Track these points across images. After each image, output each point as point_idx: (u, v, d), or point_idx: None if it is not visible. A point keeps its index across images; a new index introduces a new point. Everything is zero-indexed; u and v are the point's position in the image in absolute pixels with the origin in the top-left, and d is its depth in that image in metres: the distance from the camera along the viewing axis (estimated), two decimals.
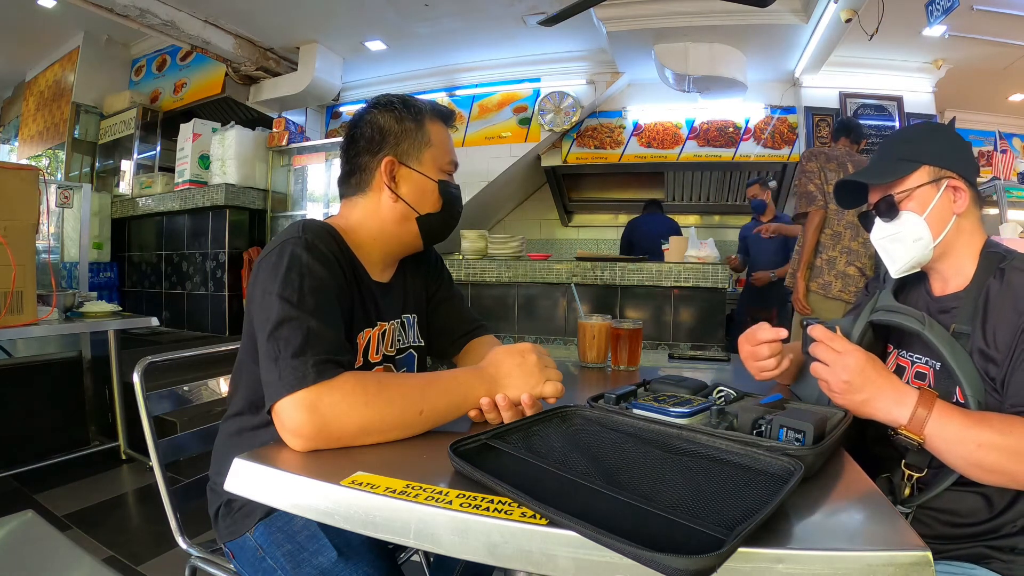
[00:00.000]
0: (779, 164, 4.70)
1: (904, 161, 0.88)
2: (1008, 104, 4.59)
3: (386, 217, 0.93)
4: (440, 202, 0.95)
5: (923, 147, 0.89)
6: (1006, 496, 0.78)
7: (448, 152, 0.97)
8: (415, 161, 0.93)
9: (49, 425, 2.48)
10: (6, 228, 1.96)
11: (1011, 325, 0.77)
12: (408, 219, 0.94)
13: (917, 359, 0.90)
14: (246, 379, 0.87)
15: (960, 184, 0.86)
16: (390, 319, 0.96)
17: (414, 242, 0.97)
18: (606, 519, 0.46)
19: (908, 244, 0.87)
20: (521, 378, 0.77)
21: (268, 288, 0.76)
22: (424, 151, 0.93)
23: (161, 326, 3.99)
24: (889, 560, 0.43)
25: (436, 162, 0.94)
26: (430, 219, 0.95)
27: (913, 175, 0.87)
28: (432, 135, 0.94)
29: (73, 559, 0.91)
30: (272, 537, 0.82)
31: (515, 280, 3.13)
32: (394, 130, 0.92)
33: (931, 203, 0.86)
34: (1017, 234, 2.77)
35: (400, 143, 0.92)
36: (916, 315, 0.85)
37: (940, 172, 0.87)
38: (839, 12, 3.32)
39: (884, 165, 0.91)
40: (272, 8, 4.08)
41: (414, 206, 0.93)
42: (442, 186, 0.95)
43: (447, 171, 0.97)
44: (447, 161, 0.97)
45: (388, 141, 0.92)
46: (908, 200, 0.87)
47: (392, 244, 0.96)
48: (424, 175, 0.93)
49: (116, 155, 5.10)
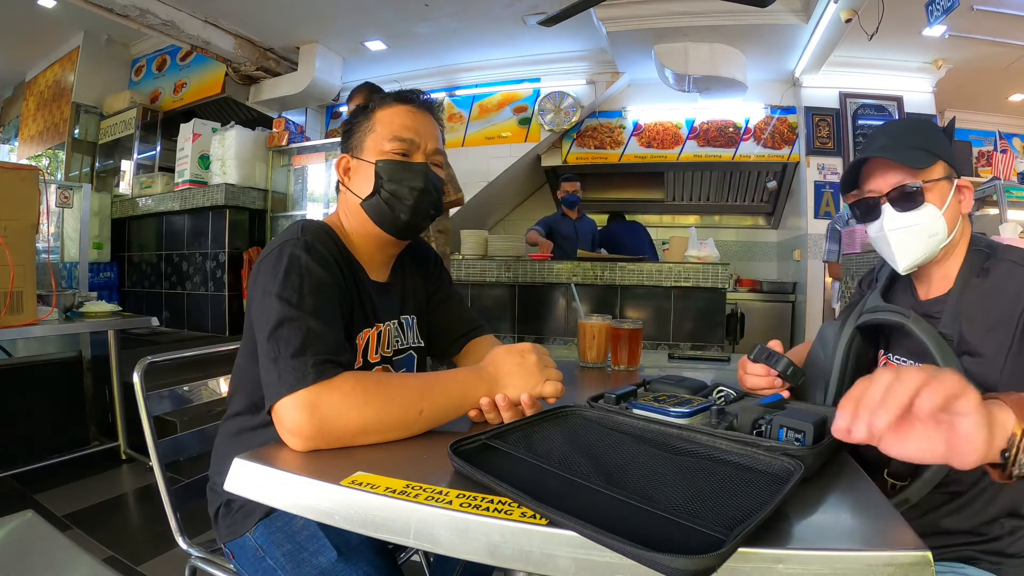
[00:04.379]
0: (779, 164, 4.70)
1: (927, 152, 0.82)
2: (1008, 104, 4.59)
3: (348, 212, 0.95)
4: (374, 181, 0.90)
5: (942, 143, 0.86)
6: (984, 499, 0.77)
7: (394, 129, 0.91)
8: (359, 151, 0.93)
9: (49, 425, 2.48)
10: (6, 228, 1.96)
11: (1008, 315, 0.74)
12: (358, 209, 0.92)
13: (904, 362, 0.88)
14: (246, 380, 0.87)
15: (967, 185, 0.85)
16: (387, 320, 0.96)
17: (379, 232, 0.93)
18: (606, 519, 0.46)
19: (924, 239, 0.82)
20: (521, 378, 0.77)
21: (268, 289, 0.76)
22: (367, 137, 0.93)
23: (161, 326, 3.99)
24: (889, 560, 0.43)
25: (376, 145, 0.91)
26: (370, 202, 0.91)
27: (935, 167, 0.83)
28: (378, 120, 0.93)
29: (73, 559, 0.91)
30: (272, 537, 0.82)
31: (515, 280, 3.12)
32: (350, 129, 0.95)
33: (947, 199, 0.83)
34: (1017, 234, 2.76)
35: (351, 138, 0.95)
36: (901, 310, 0.84)
37: (951, 170, 0.84)
38: (839, 12, 3.32)
39: (909, 151, 0.83)
40: (272, 8, 4.09)
41: (357, 193, 0.92)
42: (378, 165, 0.90)
43: (391, 149, 0.91)
44: (388, 139, 0.91)
45: (345, 140, 0.96)
46: (931, 192, 0.82)
47: (370, 239, 0.95)
48: (363, 160, 0.92)
49: (116, 155, 5.11)
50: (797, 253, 4.65)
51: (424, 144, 0.93)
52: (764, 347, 0.84)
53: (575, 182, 3.91)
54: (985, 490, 0.78)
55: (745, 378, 0.90)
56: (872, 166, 0.87)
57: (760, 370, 0.87)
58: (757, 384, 0.88)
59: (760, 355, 0.84)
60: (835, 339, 0.91)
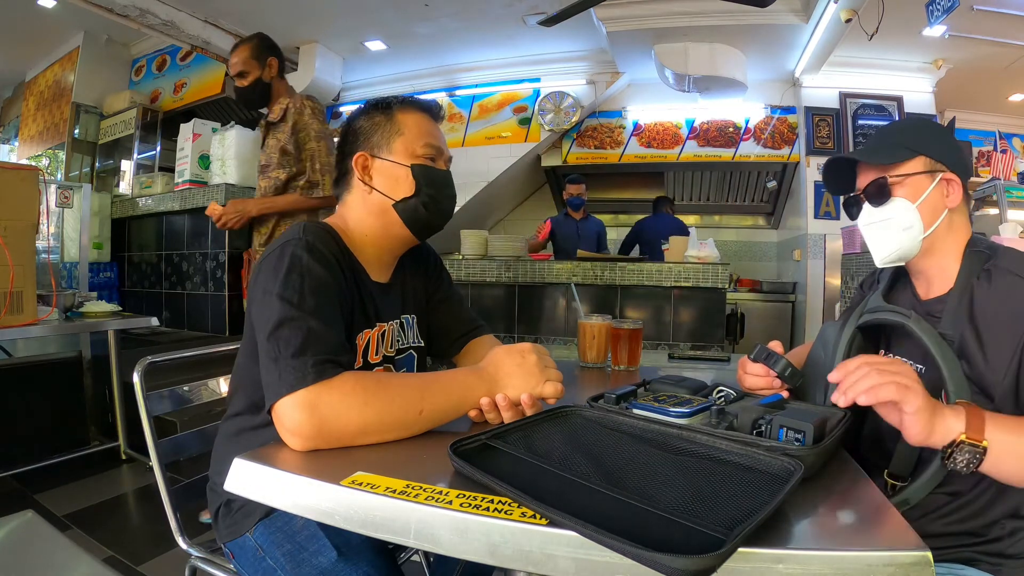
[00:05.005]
0: (779, 164, 4.70)
1: (902, 147, 0.86)
2: (1008, 104, 4.59)
3: (368, 211, 0.94)
4: (414, 185, 0.93)
5: (924, 139, 0.87)
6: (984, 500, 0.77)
7: (423, 136, 0.95)
8: (386, 151, 0.94)
9: (49, 425, 2.48)
10: (6, 228, 1.96)
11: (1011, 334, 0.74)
12: (386, 210, 0.93)
13: (906, 362, 0.87)
14: (246, 380, 0.87)
15: (954, 179, 0.85)
16: (389, 320, 0.96)
17: (402, 234, 0.96)
18: (606, 519, 0.46)
19: (896, 232, 0.85)
20: (521, 378, 0.77)
21: (268, 288, 0.77)
22: (395, 140, 0.94)
23: (161, 326, 3.98)
24: (889, 560, 0.43)
25: (408, 148, 0.93)
26: (407, 203, 0.93)
27: (910, 162, 0.85)
28: (403, 124, 0.94)
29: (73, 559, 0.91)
30: (272, 537, 0.82)
31: (515, 280, 3.12)
32: (365, 127, 0.95)
33: (924, 193, 0.84)
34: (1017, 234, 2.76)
35: (371, 137, 0.95)
36: (901, 310, 0.84)
37: (936, 165, 0.85)
38: (839, 12, 3.32)
39: (881, 148, 0.88)
40: (272, 8, 4.09)
41: (388, 194, 0.93)
42: (415, 169, 0.93)
43: (423, 155, 0.94)
44: (422, 144, 0.94)
45: (360, 138, 0.95)
46: (900, 186, 0.85)
47: (383, 240, 0.96)
48: (395, 162, 0.93)
49: (116, 155, 5.10)
50: (797, 253, 4.65)
51: (445, 154, 0.98)
52: (764, 347, 0.85)
53: (580, 184, 3.90)
54: (986, 492, 0.77)
55: (744, 378, 0.90)
56: (859, 166, 0.91)
57: (759, 370, 0.87)
58: (756, 384, 0.88)
59: (760, 355, 0.84)
60: (836, 339, 0.91)
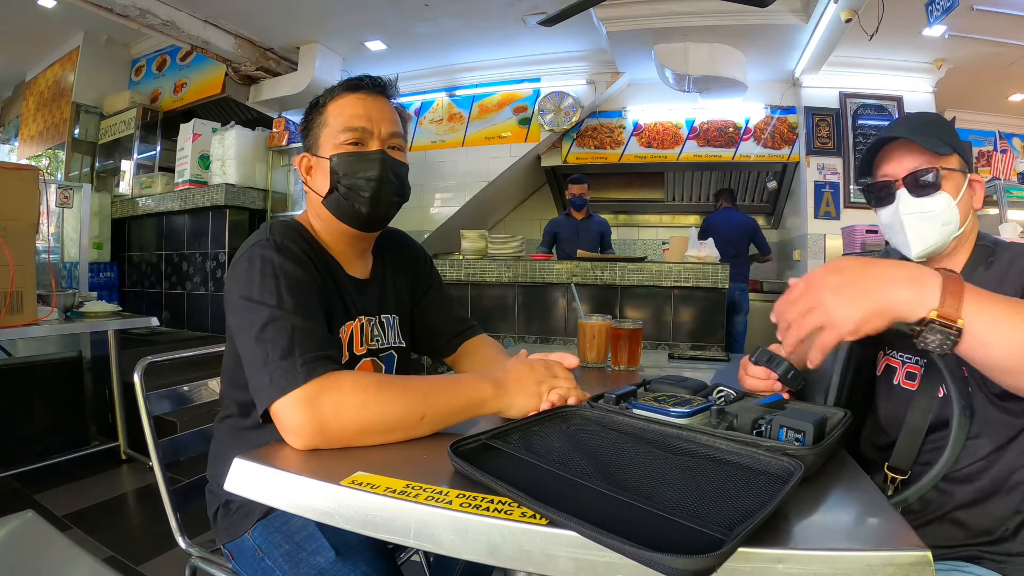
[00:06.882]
0: (779, 164, 4.70)
1: (943, 143, 0.83)
2: (1008, 104, 4.59)
3: (313, 211, 0.94)
4: (330, 178, 0.88)
5: (954, 136, 0.86)
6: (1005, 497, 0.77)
7: (345, 120, 0.89)
8: (316, 148, 0.92)
9: (49, 425, 2.48)
10: (6, 228, 1.96)
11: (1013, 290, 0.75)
12: (321, 205, 0.92)
13: (908, 359, 0.88)
14: (232, 383, 0.88)
15: (979, 180, 0.85)
16: (367, 316, 0.95)
17: (346, 228, 0.92)
18: (606, 519, 0.46)
19: (939, 226, 0.82)
20: (532, 385, 0.77)
21: (244, 294, 0.75)
22: (321, 134, 0.91)
23: (161, 326, 3.98)
24: (889, 560, 0.43)
25: (330, 139, 0.89)
26: (330, 199, 0.90)
27: (952, 157, 0.84)
28: (329, 114, 0.91)
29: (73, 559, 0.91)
30: (270, 538, 0.82)
31: (515, 280, 3.12)
32: (307, 127, 0.94)
33: (961, 191, 0.83)
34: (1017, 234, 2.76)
35: (308, 136, 0.94)
36: None
37: (964, 165, 0.85)
38: (839, 12, 3.32)
39: (927, 138, 0.83)
40: (272, 8, 4.08)
41: (318, 192, 0.91)
42: (332, 160, 0.88)
43: (344, 141, 0.88)
44: (341, 130, 0.88)
45: (305, 139, 0.95)
46: (947, 180, 0.83)
47: (337, 235, 0.94)
48: (320, 157, 0.91)
49: (116, 155, 5.10)
50: (797, 253, 4.65)
51: (378, 130, 0.90)
52: (765, 349, 0.84)
53: (583, 184, 3.90)
54: (990, 489, 0.77)
55: (745, 379, 0.89)
56: (889, 151, 0.87)
57: (760, 372, 0.86)
58: (757, 386, 0.88)
59: (761, 358, 0.83)
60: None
